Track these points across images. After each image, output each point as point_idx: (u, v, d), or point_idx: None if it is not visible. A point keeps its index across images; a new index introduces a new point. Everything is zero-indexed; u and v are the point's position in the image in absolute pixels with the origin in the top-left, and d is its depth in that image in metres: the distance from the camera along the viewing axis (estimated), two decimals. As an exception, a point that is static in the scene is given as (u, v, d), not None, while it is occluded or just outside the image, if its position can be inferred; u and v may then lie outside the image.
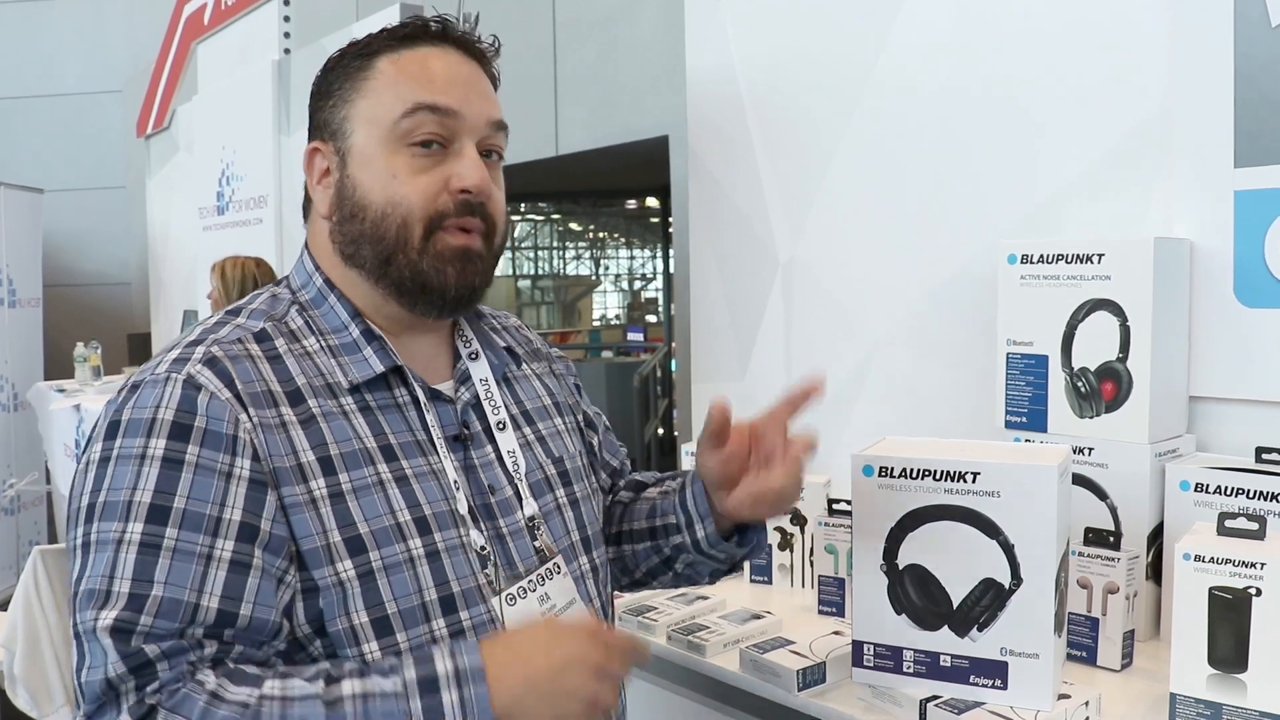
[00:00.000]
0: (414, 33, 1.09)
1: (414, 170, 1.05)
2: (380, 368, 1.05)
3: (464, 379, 1.14)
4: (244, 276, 3.66)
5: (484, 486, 1.10)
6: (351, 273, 1.08)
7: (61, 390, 5.20)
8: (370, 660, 0.97)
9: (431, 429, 1.07)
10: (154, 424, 0.94)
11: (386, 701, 0.87)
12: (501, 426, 1.15)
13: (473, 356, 1.17)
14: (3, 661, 3.03)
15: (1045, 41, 1.70)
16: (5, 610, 3.17)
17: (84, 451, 0.98)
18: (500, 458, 1.13)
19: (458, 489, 1.06)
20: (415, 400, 1.08)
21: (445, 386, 1.13)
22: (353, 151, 1.07)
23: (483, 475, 1.10)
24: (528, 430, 1.19)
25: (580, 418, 1.32)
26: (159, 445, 0.93)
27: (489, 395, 1.15)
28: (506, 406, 1.18)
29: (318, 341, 1.06)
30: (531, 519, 1.12)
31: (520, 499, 1.12)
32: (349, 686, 0.88)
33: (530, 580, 1.09)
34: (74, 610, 0.91)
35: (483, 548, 1.06)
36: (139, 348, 6.65)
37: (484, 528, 1.07)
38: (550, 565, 1.11)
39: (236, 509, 0.93)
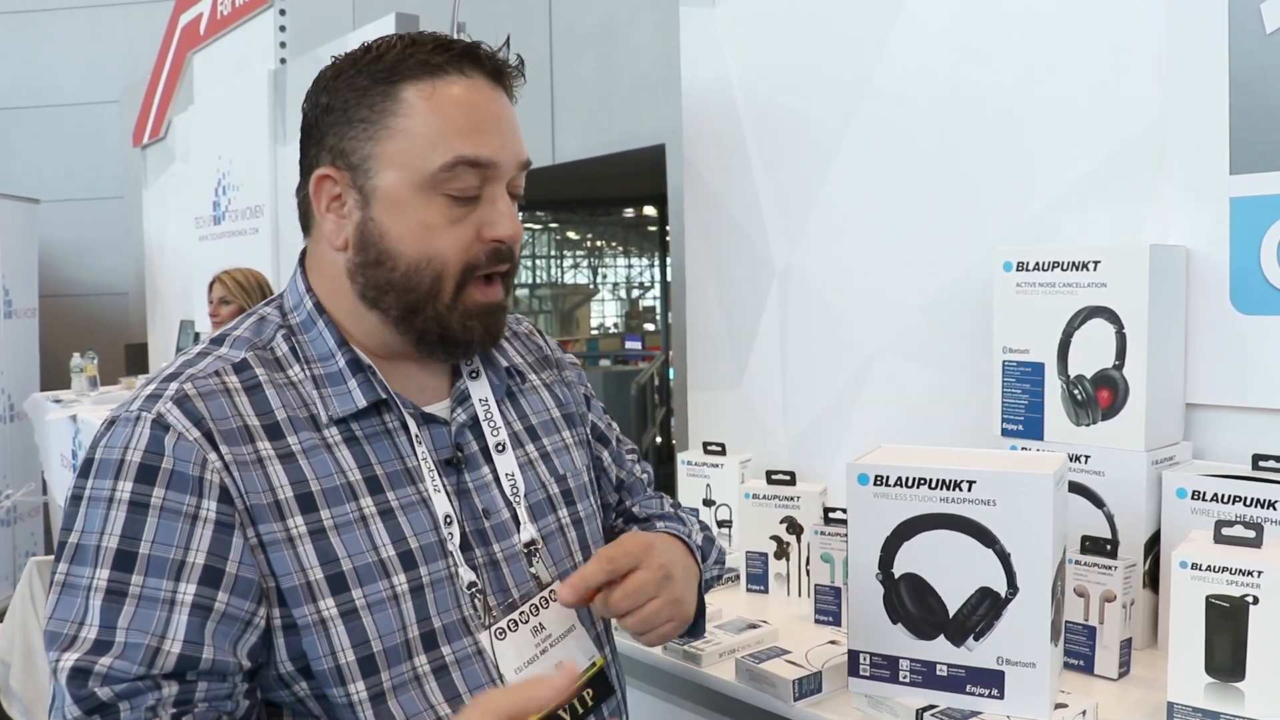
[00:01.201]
0: (443, 61, 1.01)
1: (449, 221, 1.01)
2: (363, 402, 1.02)
3: (462, 399, 1.11)
4: (259, 283, 3.76)
5: (477, 511, 1.07)
6: (360, 306, 1.05)
7: (58, 401, 5.19)
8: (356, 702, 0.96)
9: (421, 455, 1.05)
10: (122, 465, 0.93)
11: None
12: (500, 448, 1.12)
13: (473, 375, 1.14)
14: (-2, 673, 3.03)
15: (1041, 50, 1.70)
16: (2, 621, 3.17)
17: (71, 484, 0.98)
18: (498, 479, 1.10)
19: (449, 522, 1.04)
20: (405, 426, 1.05)
21: (441, 406, 1.10)
22: (379, 193, 1.01)
23: (477, 499, 1.08)
24: (531, 448, 1.16)
25: (589, 429, 1.28)
26: (126, 489, 0.93)
27: (488, 416, 1.12)
28: (510, 423, 1.15)
29: (302, 370, 1.03)
30: (530, 544, 1.09)
31: (518, 523, 1.10)
32: None
33: (523, 611, 1.06)
34: (45, 644, 0.92)
35: (471, 584, 1.03)
36: (136, 358, 6.65)
37: (477, 554, 1.05)
38: (547, 592, 1.08)
39: (200, 552, 0.92)
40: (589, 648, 1.11)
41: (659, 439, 7.45)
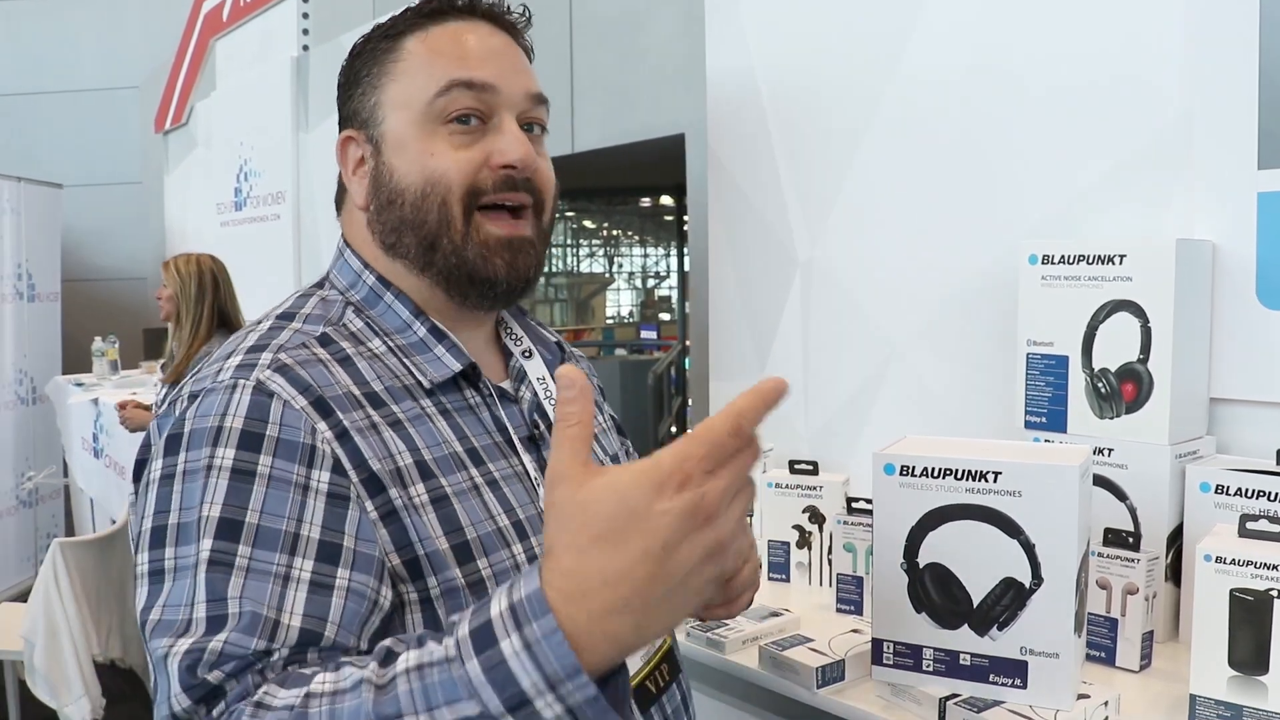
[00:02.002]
0: (441, 8, 1.04)
1: (453, 147, 1.00)
2: (457, 366, 1.00)
3: (520, 378, 1.10)
4: (200, 270, 3.54)
5: None
6: (397, 265, 1.03)
7: (79, 384, 5.24)
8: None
9: (508, 430, 1.03)
10: (220, 432, 0.85)
11: (442, 671, 0.67)
12: None
13: (526, 355, 1.13)
14: (24, 652, 3.07)
15: (1067, 43, 1.70)
16: (24, 602, 3.21)
17: (144, 471, 0.90)
18: None
19: (540, 489, 1.01)
20: (486, 401, 1.03)
21: (504, 386, 1.09)
22: (387, 137, 1.02)
23: None
24: None
25: (608, 419, 1.29)
26: (228, 455, 0.84)
27: (549, 395, 1.11)
28: None
29: (383, 343, 1.00)
30: None
31: None
32: (403, 661, 0.70)
33: None
34: (146, 637, 0.82)
35: None
36: (155, 342, 6.68)
37: None
38: None
39: (315, 525, 0.84)
40: None
41: (674, 429, 7.46)
